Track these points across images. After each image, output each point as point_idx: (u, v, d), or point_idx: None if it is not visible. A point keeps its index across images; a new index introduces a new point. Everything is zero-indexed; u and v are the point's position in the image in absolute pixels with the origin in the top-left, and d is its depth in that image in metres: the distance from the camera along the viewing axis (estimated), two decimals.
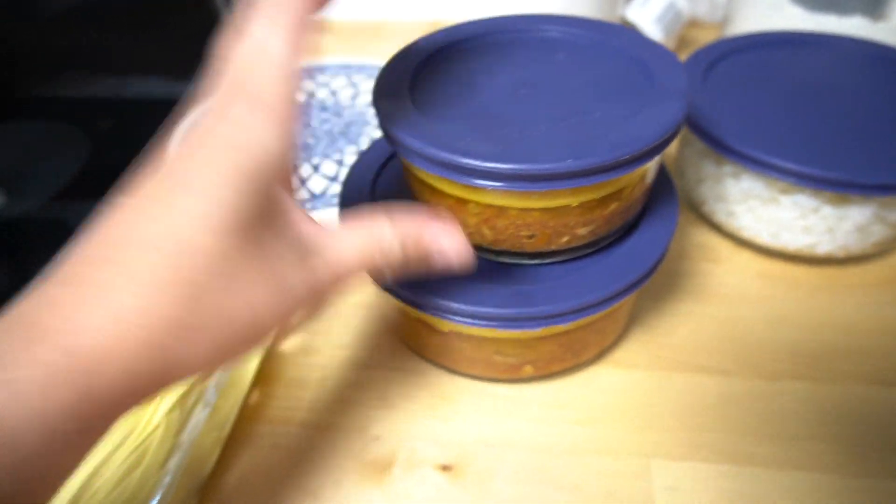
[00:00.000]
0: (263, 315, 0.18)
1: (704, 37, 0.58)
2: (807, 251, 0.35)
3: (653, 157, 0.24)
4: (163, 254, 0.17)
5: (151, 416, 0.26)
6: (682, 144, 0.39)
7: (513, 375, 0.30)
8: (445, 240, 0.22)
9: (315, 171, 0.41)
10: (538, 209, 0.24)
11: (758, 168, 0.32)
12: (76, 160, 0.52)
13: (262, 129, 0.18)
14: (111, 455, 0.24)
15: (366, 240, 0.21)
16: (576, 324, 0.27)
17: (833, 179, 0.30)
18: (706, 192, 0.37)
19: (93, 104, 0.59)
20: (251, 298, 0.18)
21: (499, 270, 0.27)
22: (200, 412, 0.26)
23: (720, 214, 0.37)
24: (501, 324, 0.25)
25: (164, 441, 0.25)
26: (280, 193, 0.20)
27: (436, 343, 0.29)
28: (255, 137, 0.18)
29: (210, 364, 0.18)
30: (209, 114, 0.19)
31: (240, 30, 0.19)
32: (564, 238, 0.26)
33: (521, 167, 0.22)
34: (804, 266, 0.36)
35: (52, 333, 0.15)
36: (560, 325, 0.26)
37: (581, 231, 0.26)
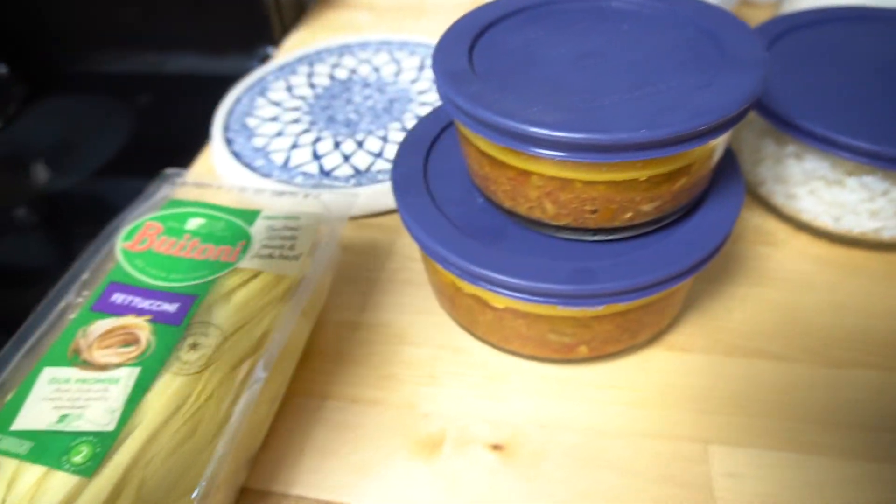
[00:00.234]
0: None
1: (758, 16, 0.56)
2: (872, 236, 0.33)
3: (729, 128, 0.23)
4: None
5: (203, 388, 0.25)
6: (741, 123, 0.37)
7: (566, 356, 0.29)
8: None
9: (359, 147, 0.41)
10: (604, 182, 0.23)
11: (825, 147, 0.31)
12: (118, 135, 0.52)
13: None
14: (164, 425, 0.24)
15: None
16: (637, 303, 0.26)
17: None
18: (764, 173, 0.36)
19: (134, 79, 0.59)
20: None
21: (558, 246, 0.26)
22: (251, 386, 0.26)
23: (779, 196, 0.35)
24: (562, 300, 0.25)
25: (216, 414, 0.25)
26: None
27: (488, 320, 0.28)
28: None
29: None
30: None
31: None
32: (628, 214, 0.25)
33: (592, 136, 0.21)
34: (866, 251, 0.35)
35: None
36: (621, 304, 0.25)
37: (646, 207, 0.25)
